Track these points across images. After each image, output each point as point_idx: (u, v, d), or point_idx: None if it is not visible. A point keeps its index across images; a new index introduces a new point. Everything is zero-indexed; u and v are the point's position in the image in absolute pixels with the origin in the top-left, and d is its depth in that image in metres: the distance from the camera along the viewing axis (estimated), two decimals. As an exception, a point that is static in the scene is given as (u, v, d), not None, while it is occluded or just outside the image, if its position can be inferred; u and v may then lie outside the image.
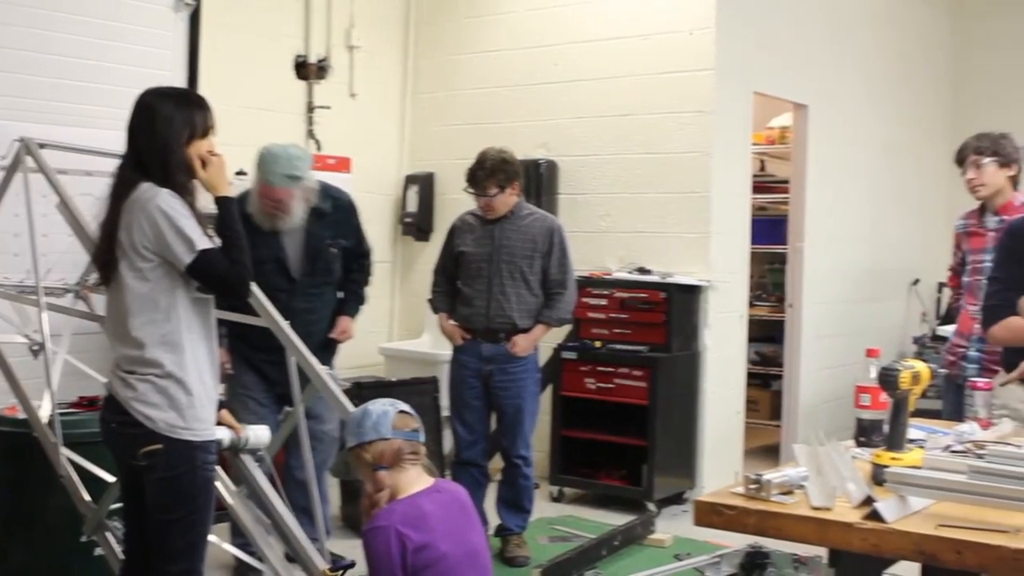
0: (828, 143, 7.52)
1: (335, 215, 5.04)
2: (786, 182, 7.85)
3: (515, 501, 5.52)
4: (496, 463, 5.64)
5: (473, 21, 7.64)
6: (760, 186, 8.10)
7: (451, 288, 5.49)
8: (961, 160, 4.68)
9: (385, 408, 2.98)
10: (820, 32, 7.58)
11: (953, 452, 2.84)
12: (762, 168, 8.63)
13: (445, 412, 6.04)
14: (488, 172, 5.22)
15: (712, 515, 2.44)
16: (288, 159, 4.71)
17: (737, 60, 6.75)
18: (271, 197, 4.73)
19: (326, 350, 5.05)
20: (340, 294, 5.15)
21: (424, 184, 7.68)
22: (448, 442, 6.08)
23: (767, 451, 7.54)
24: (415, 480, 2.95)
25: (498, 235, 5.34)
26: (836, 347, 7.60)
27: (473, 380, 5.38)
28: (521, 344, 5.31)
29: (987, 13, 9.23)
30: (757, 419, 8.06)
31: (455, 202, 5.59)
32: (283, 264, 4.89)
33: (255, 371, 4.89)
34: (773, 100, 7.48)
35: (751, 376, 7.58)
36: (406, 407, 3.03)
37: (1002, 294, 3.85)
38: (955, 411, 4.19)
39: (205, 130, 3.22)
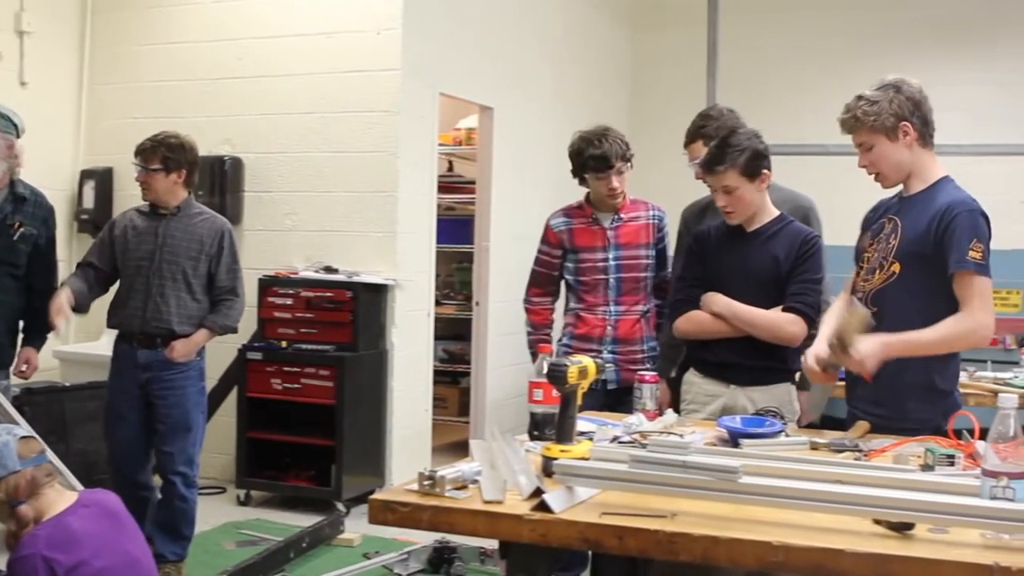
0: (513, 145, 7.71)
1: (33, 208, 4.79)
2: (473, 182, 7.99)
3: (170, 525, 5.01)
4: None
5: (156, 11, 7.38)
6: (448, 186, 8.22)
7: (91, 277, 5.08)
8: (607, 168, 4.68)
9: (5, 439, 2.79)
10: (506, 37, 7.76)
11: (621, 443, 2.96)
12: (450, 168, 8.76)
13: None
14: (154, 145, 4.98)
15: (387, 513, 2.44)
16: None
17: (423, 61, 6.82)
18: None
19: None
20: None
21: (102, 179, 7.36)
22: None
23: (456, 447, 7.65)
24: (56, 501, 2.79)
25: (162, 233, 4.98)
26: (522, 344, 7.76)
27: (129, 389, 4.96)
28: (179, 349, 4.93)
29: (663, 26, 9.73)
30: (446, 416, 8.19)
31: (136, 199, 5.37)
32: None
33: None
34: (460, 102, 7.60)
35: (439, 374, 7.68)
36: (25, 431, 2.86)
37: (688, 290, 4.11)
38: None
39: None
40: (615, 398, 4.36)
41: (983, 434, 2.25)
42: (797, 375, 3.94)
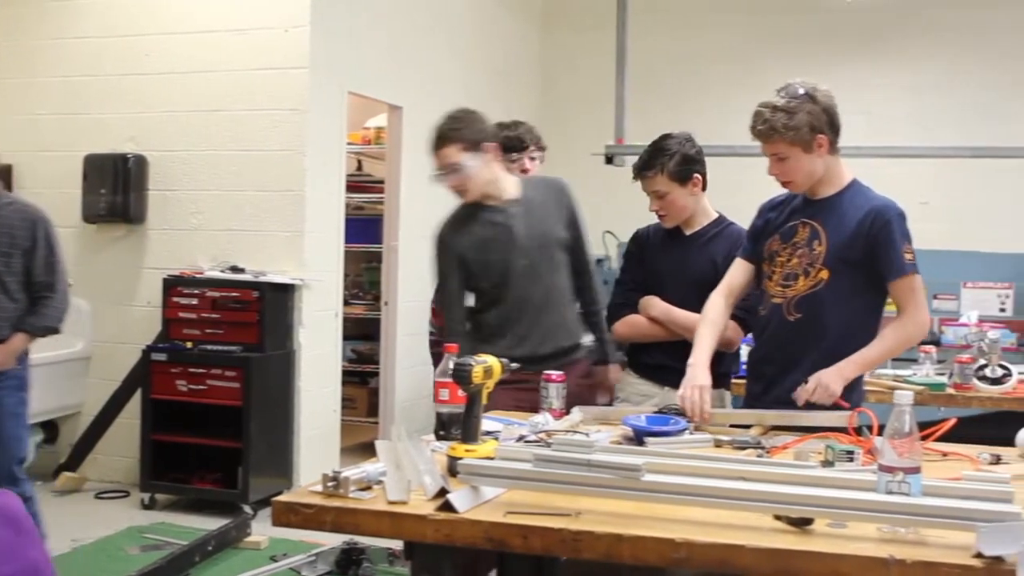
0: (423, 144, 7.64)
1: None
2: (382, 182, 7.96)
3: None
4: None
5: (58, 5, 7.23)
6: (357, 186, 8.18)
7: None
8: (522, 148, 4.77)
9: None
10: (416, 36, 7.73)
11: (527, 442, 2.97)
12: (359, 168, 8.71)
13: None
14: None
15: (290, 514, 2.41)
16: None
17: (332, 59, 6.77)
18: None
19: None
20: None
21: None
22: None
23: (366, 448, 7.59)
24: None
25: None
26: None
27: None
28: None
29: (572, 27, 9.79)
30: (355, 416, 8.14)
31: (39, 196, 5.26)
32: None
33: None
34: (369, 100, 7.56)
35: (348, 374, 7.64)
36: None
37: (626, 294, 4.19)
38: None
39: None
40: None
41: (882, 430, 2.29)
42: None
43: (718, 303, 3.69)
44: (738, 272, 3.73)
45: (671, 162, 3.96)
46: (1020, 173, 8.54)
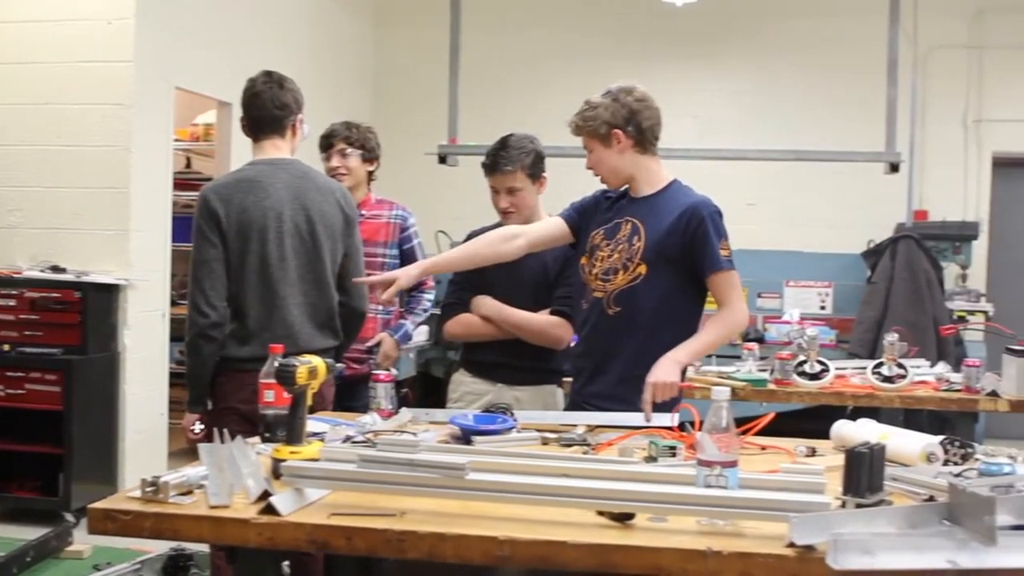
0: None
1: None
2: (212, 179, 7.78)
3: None
4: None
5: None
6: (186, 183, 8.00)
7: None
8: (328, 146, 4.77)
9: None
10: (245, 30, 7.60)
11: (354, 443, 2.94)
12: (188, 165, 8.53)
13: None
14: None
15: (107, 522, 2.33)
16: None
17: (158, 54, 6.60)
18: None
19: None
20: None
21: None
22: None
23: (195, 452, 7.42)
24: None
25: None
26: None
27: None
28: None
29: (405, 24, 9.78)
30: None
31: None
32: None
33: None
34: (198, 96, 7.40)
35: (176, 376, 7.43)
36: None
37: (458, 293, 4.20)
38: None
39: None
40: (338, 393, 4.34)
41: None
42: None
43: (504, 233, 3.83)
44: (552, 227, 3.83)
45: (528, 159, 4.02)
46: (839, 176, 8.90)
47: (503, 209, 4.09)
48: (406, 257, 4.76)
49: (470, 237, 4.29)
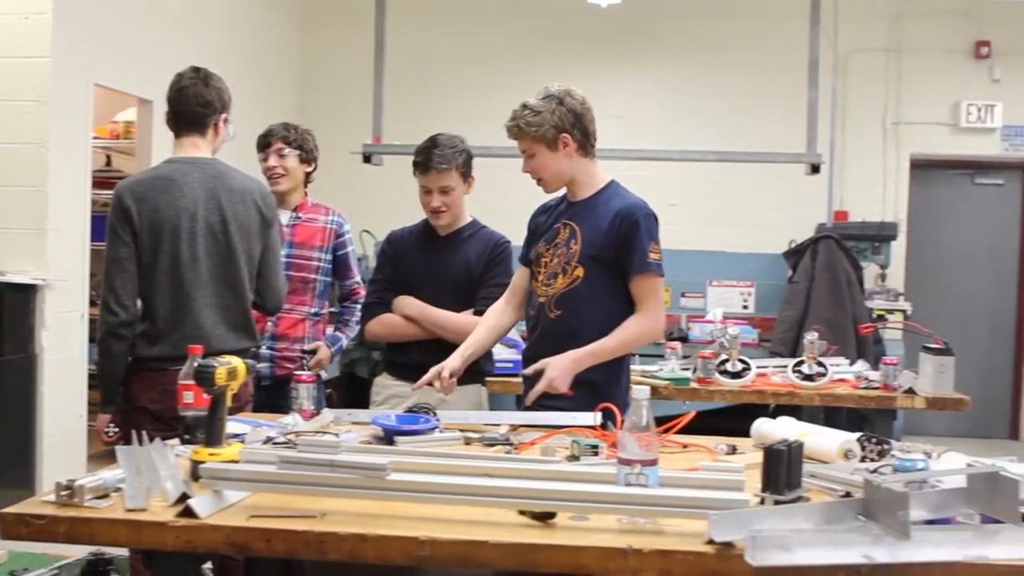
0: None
1: None
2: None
3: None
4: None
5: None
6: (105, 181, 7.84)
7: None
8: (265, 145, 4.68)
9: None
10: (167, 27, 7.49)
11: (275, 444, 2.91)
12: (108, 163, 8.39)
13: None
14: None
15: (20, 526, 2.28)
16: None
17: (76, 50, 6.47)
18: None
19: None
20: None
21: None
22: None
23: (115, 455, 7.32)
24: None
25: None
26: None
27: None
28: None
29: (330, 23, 9.72)
30: (104, 422, 7.82)
31: None
32: None
33: None
34: (118, 93, 7.28)
35: (94, 377, 7.31)
36: None
37: (380, 293, 4.19)
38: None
39: None
40: (268, 393, 4.30)
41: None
42: None
43: (498, 306, 3.84)
44: (519, 277, 3.85)
45: (460, 158, 4.03)
46: (761, 177, 9.00)
47: (434, 208, 4.07)
48: (338, 263, 4.71)
49: (389, 239, 4.28)
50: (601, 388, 3.48)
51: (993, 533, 2.14)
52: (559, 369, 3.43)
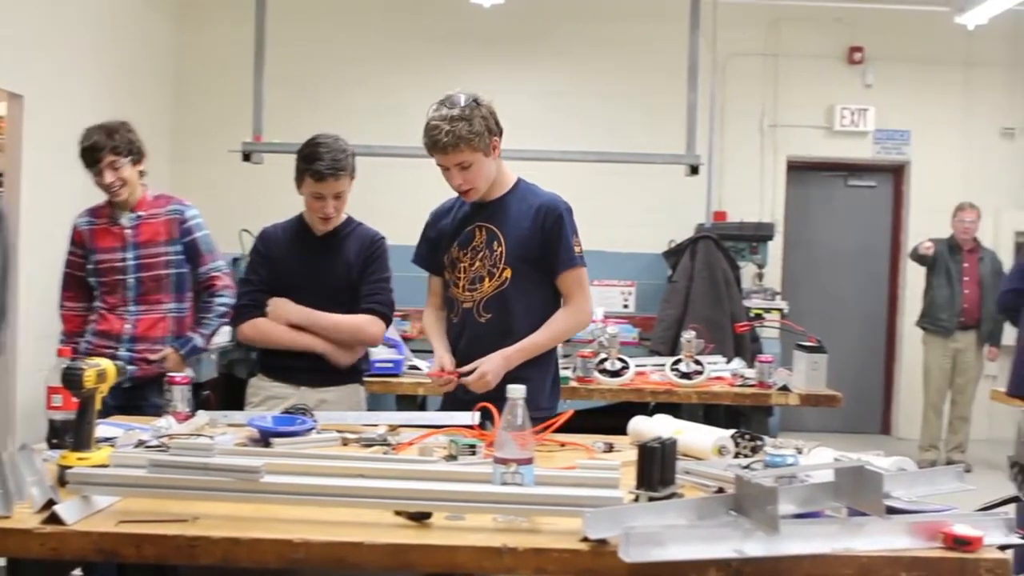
0: (49, 137, 7.26)
1: None
2: (1, 175, 7.46)
3: None
4: None
5: None
6: (-27, 178, 7.63)
7: None
8: (95, 161, 4.38)
9: None
10: (39, 20, 7.29)
11: (148, 447, 2.86)
12: (-23, 159, 8.14)
13: None
14: None
15: None
16: None
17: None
18: None
19: None
20: None
21: None
22: None
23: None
24: None
25: None
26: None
27: None
28: None
29: (209, 20, 9.55)
30: (-28, 427, 7.59)
31: None
32: None
33: None
34: (-14, 88, 7.07)
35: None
36: None
37: (253, 295, 4.08)
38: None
39: None
40: (131, 394, 4.21)
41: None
42: None
43: (433, 312, 3.81)
44: (434, 284, 3.83)
45: (352, 161, 3.96)
46: (642, 178, 9.10)
47: (327, 215, 3.98)
48: (190, 251, 4.53)
49: (263, 237, 4.20)
50: (533, 386, 3.49)
51: (859, 526, 2.20)
52: (492, 365, 3.45)
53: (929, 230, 9.02)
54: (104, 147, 4.35)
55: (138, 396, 4.23)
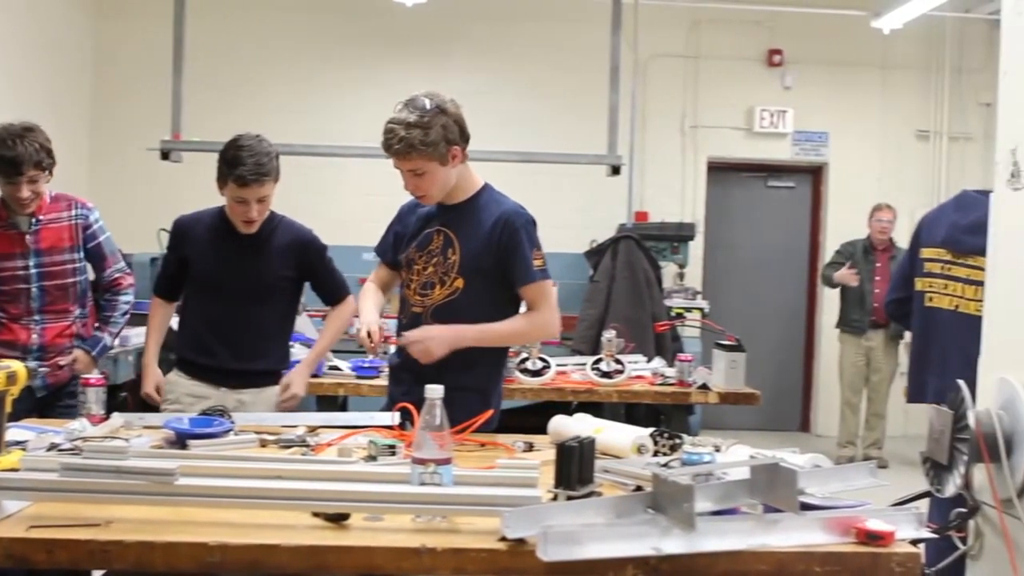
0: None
1: None
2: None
3: None
4: None
5: None
6: None
7: None
8: (16, 174, 4.06)
9: None
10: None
11: (60, 451, 2.81)
12: None
13: None
14: None
15: None
16: None
17: None
18: None
19: None
20: None
21: None
22: None
23: None
24: None
25: None
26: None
27: None
28: None
29: (127, 16, 9.42)
30: None
31: None
32: None
33: None
34: None
35: None
36: None
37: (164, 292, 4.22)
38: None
39: None
40: (44, 403, 4.14)
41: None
42: None
43: (372, 285, 3.78)
44: (382, 272, 3.79)
45: (277, 163, 3.88)
46: (564, 178, 9.15)
47: (251, 219, 3.92)
48: (92, 255, 4.39)
49: (179, 228, 4.15)
50: (482, 391, 3.47)
51: (773, 522, 2.23)
52: (438, 332, 3.36)
53: (846, 231, 9.16)
54: (27, 161, 4.07)
55: (53, 400, 4.15)
